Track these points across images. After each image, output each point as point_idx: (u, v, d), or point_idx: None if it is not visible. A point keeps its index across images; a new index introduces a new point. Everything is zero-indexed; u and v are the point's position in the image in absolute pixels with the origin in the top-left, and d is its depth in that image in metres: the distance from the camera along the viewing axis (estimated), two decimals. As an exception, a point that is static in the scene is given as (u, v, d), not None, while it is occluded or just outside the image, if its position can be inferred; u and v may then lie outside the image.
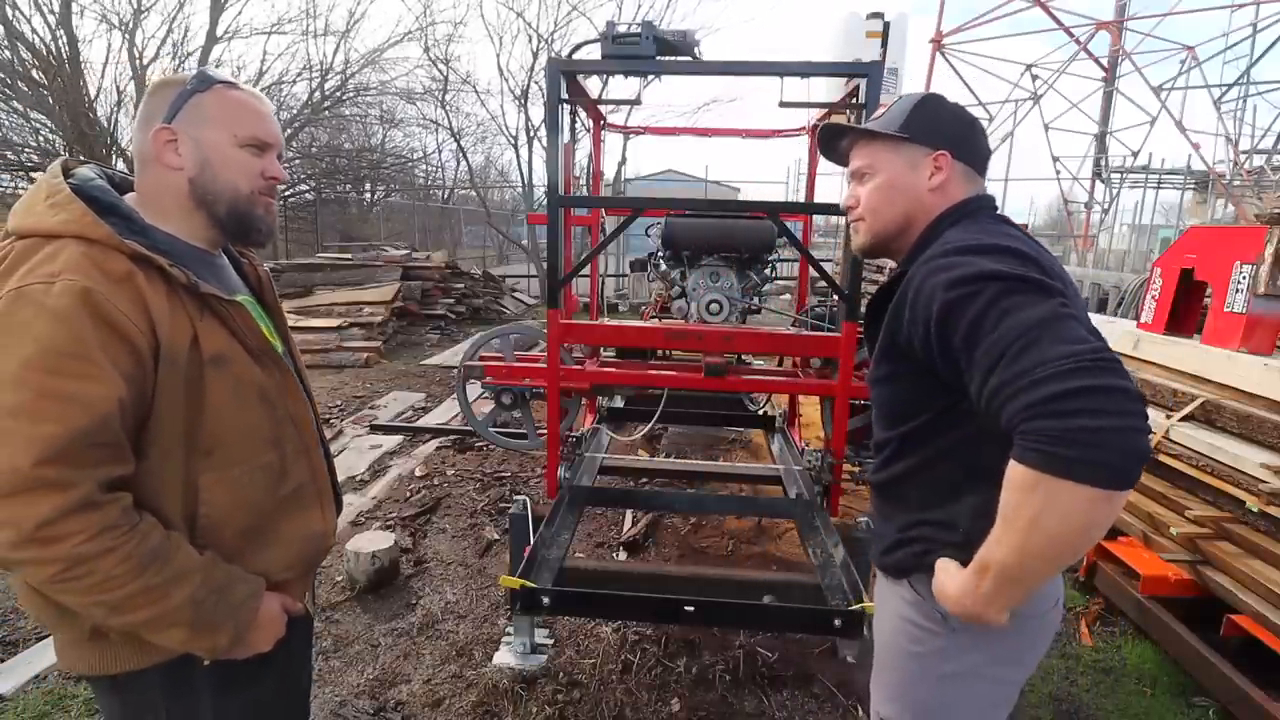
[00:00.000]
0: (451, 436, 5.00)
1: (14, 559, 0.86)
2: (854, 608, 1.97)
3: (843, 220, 3.05)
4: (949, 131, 1.12)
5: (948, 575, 1.00)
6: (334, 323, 7.85)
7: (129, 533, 0.90)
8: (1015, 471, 0.82)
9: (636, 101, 4.32)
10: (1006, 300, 0.87)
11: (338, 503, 1.35)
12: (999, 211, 1.15)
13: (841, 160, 1.26)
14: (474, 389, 3.34)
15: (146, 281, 0.94)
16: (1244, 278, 2.98)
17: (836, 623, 1.99)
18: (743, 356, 3.59)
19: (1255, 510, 2.50)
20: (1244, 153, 14.69)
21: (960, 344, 0.91)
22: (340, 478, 4.15)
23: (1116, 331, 3.75)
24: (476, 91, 16.24)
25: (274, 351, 1.12)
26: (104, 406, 0.88)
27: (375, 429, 5.20)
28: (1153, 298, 3.58)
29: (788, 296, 10.96)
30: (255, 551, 1.08)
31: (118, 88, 10.52)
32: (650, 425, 3.31)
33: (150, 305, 0.93)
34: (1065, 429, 0.76)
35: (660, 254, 3.45)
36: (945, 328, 0.93)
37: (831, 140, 1.26)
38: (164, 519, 0.97)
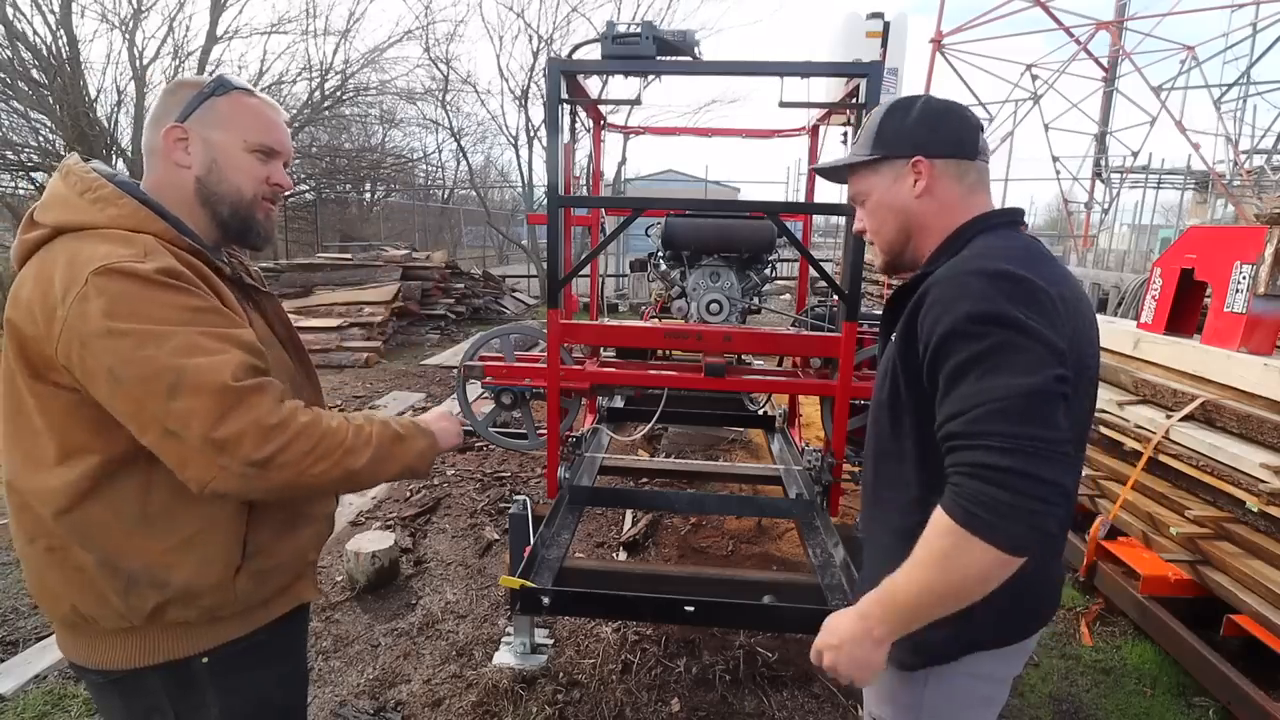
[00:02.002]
0: (451, 436, 4.99)
1: (265, 455, 0.91)
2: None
3: (842, 220, 3.06)
4: (917, 135, 1.11)
5: (834, 618, 1.04)
6: (334, 323, 7.85)
7: (301, 407, 1.00)
8: (939, 515, 0.91)
9: (636, 101, 4.31)
10: (1003, 356, 0.90)
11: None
12: (1023, 220, 1.14)
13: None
14: (474, 389, 3.34)
15: (209, 272, 1.02)
16: (1244, 278, 2.98)
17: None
18: (742, 356, 3.60)
19: (1255, 510, 2.50)
20: (1244, 153, 14.68)
21: (945, 375, 0.95)
22: (340, 478, 4.20)
23: (1117, 331, 3.75)
24: (476, 91, 16.31)
25: (298, 342, 1.22)
26: (249, 335, 0.98)
27: (375, 429, 5.20)
28: (1153, 298, 3.58)
29: (788, 296, 10.96)
30: (296, 530, 1.13)
31: (118, 88, 10.54)
32: (650, 425, 3.31)
33: (218, 290, 1.02)
34: (991, 497, 0.86)
35: (660, 254, 3.45)
36: (940, 352, 0.97)
37: (830, 175, 1.30)
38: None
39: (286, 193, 1.17)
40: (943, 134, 1.11)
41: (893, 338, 1.13)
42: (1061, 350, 0.92)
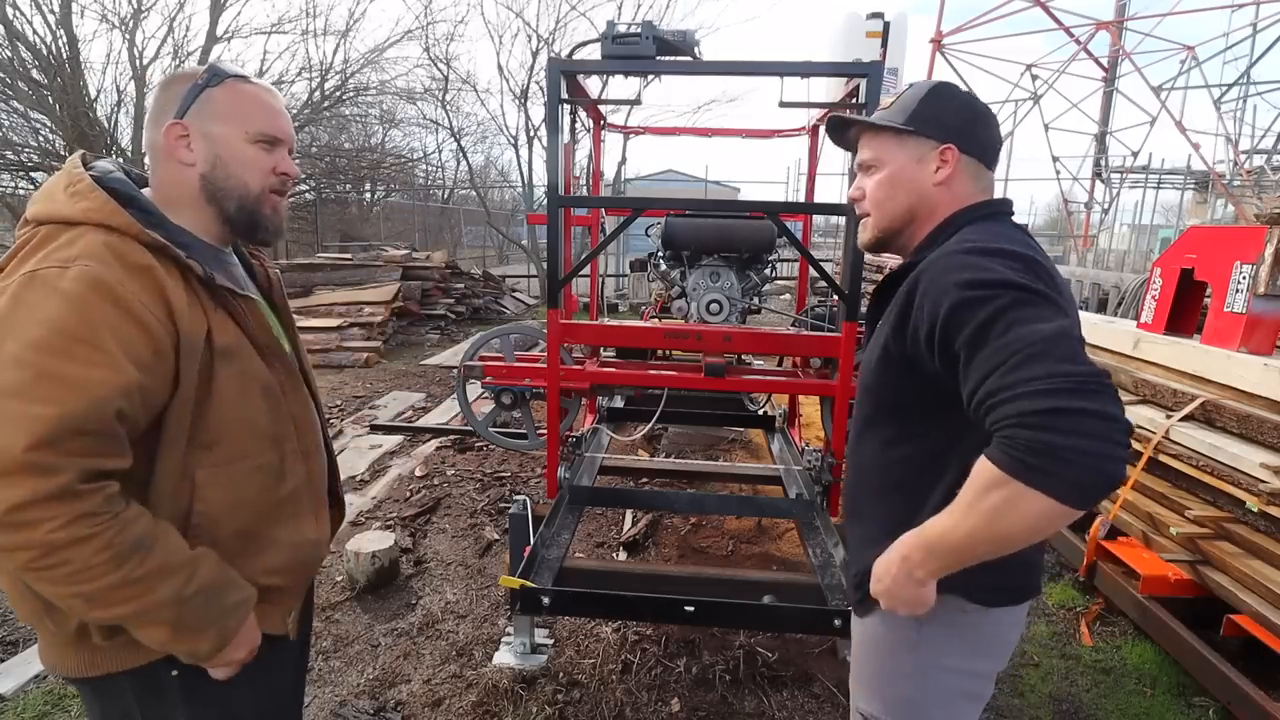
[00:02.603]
0: (451, 436, 5.00)
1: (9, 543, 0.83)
2: (854, 608, 1.97)
3: (843, 220, 3.06)
4: (956, 123, 1.10)
5: (880, 562, 1.05)
6: (334, 323, 7.85)
7: (110, 520, 0.87)
8: (985, 468, 0.86)
9: (636, 101, 4.32)
10: (1018, 310, 0.88)
11: (340, 509, 1.32)
12: (1014, 217, 1.14)
13: (850, 146, 1.24)
14: (474, 389, 3.34)
15: (166, 273, 0.94)
16: (1244, 278, 2.98)
17: (836, 623, 2.00)
18: (742, 356, 3.60)
19: (1255, 510, 2.50)
20: (1244, 153, 14.68)
21: (963, 344, 0.91)
22: (340, 478, 4.20)
23: (1117, 331, 3.75)
24: (476, 91, 16.29)
25: (281, 350, 1.12)
26: (103, 393, 0.85)
27: (375, 429, 5.20)
28: (1153, 298, 3.58)
29: (788, 296, 10.96)
30: (247, 555, 1.04)
31: (118, 88, 10.53)
32: (650, 425, 3.31)
33: (170, 296, 0.93)
34: (1047, 443, 0.79)
35: (660, 254, 3.45)
36: (950, 326, 0.93)
37: (840, 129, 1.24)
38: (157, 514, 0.95)
39: (295, 182, 1.13)
40: (978, 133, 1.11)
41: (880, 325, 1.12)
42: (1065, 304, 0.91)
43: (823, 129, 3.47)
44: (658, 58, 2.41)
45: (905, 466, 1.10)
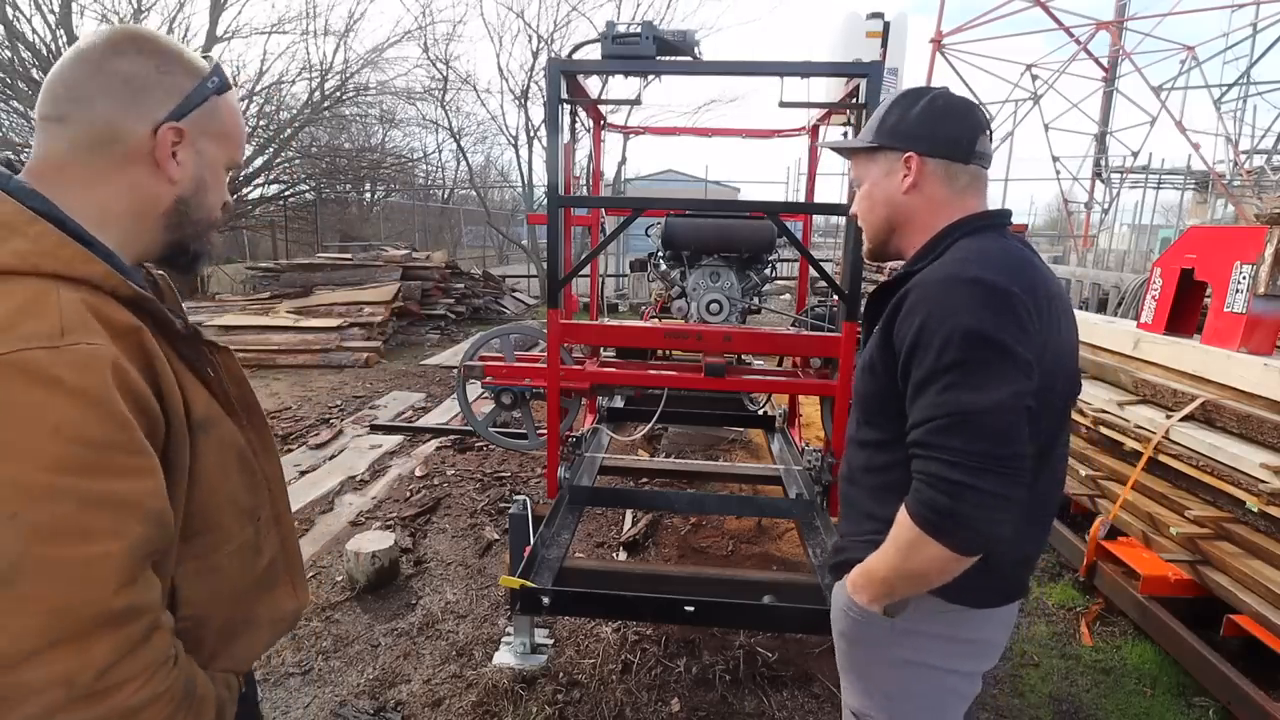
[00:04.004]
0: (451, 436, 5.00)
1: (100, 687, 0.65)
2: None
3: (843, 220, 3.06)
4: (915, 130, 1.12)
5: (839, 586, 1.21)
6: (334, 323, 7.85)
7: (174, 666, 0.73)
8: (903, 513, 1.01)
9: (636, 101, 4.32)
10: (968, 372, 0.95)
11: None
12: (1010, 224, 1.15)
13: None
14: (474, 389, 3.34)
15: (148, 336, 0.74)
16: (1244, 278, 2.98)
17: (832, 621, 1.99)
18: (742, 356, 3.60)
19: (1255, 510, 2.50)
20: (1244, 153, 14.68)
21: (914, 384, 1.01)
22: (340, 478, 4.21)
23: (1117, 331, 3.75)
24: (476, 91, 16.31)
25: (253, 401, 0.94)
26: (159, 503, 0.70)
27: (375, 429, 5.20)
28: (1153, 298, 3.58)
29: (788, 296, 10.96)
30: (229, 647, 0.88)
31: (118, 88, 10.51)
32: (650, 425, 3.31)
33: (156, 367, 0.74)
34: (943, 505, 0.95)
35: (660, 254, 3.45)
36: (911, 360, 1.01)
37: (841, 153, 1.35)
38: None
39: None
40: (940, 133, 1.11)
41: (873, 332, 1.16)
42: (1028, 362, 0.96)
43: (823, 130, 3.48)
44: (658, 58, 2.41)
45: (890, 472, 1.14)
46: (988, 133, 1.13)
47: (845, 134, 3.23)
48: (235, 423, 0.88)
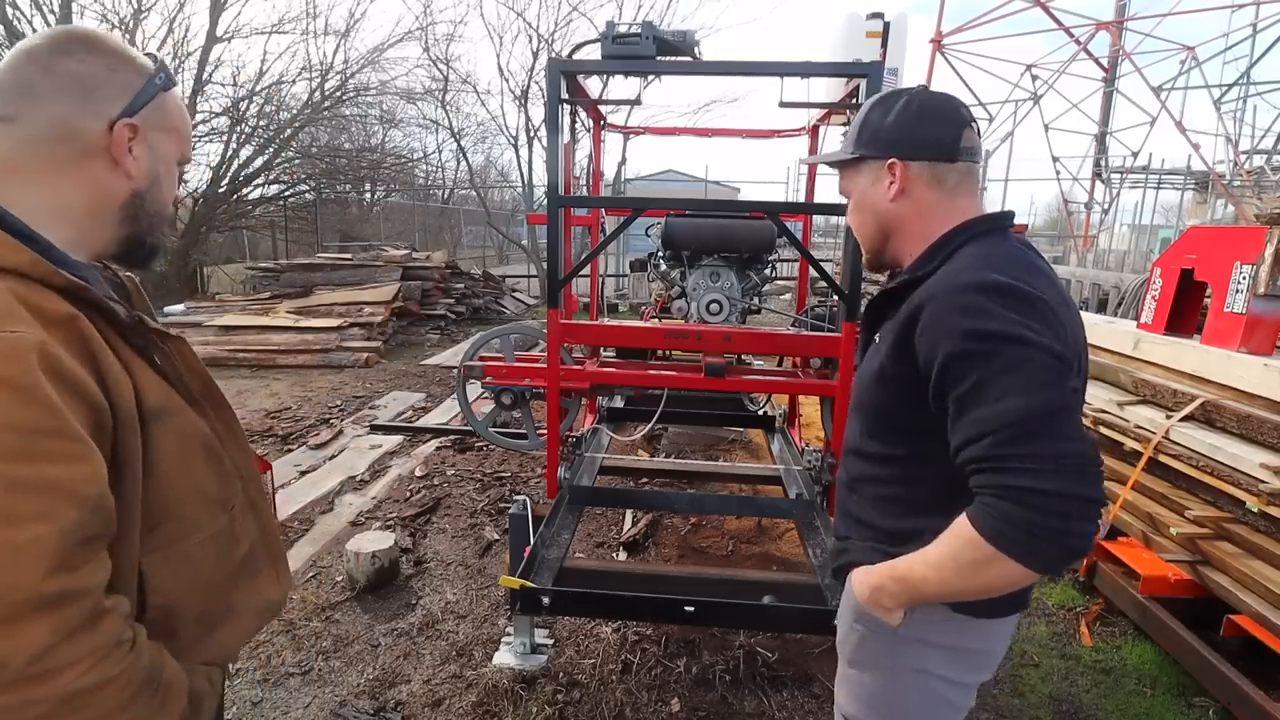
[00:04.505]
0: (451, 436, 5.00)
1: (43, 669, 0.66)
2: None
3: (843, 220, 3.06)
4: (894, 135, 1.09)
5: (858, 575, 1.13)
6: (334, 323, 7.85)
7: (130, 651, 0.72)
8: (966, 528, 0.91)
9: (636, 101, 4.32)
10: (1013, 375, 0.89)
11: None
12: (1011, 225, 1.13)
13: None
14: (474, 389, 3.34)
15: (87, 324, 0.74)
16: (1244, 278, 2.98)
17: (836, 623, 1.99)
18: (742, 356, 3.60)
19: (1255, 510, 2.50)
20: (1244, 153, 14.68)
21: (956, 399, 0.94)
22: (340, 478, 4.21)
23: (1117, 331, 3.75)
24: (476, 91, 16.36)
25: (215, 392, 0.94)
26: (94, 489, 0.69)
27: (375, 429, 5.20)
28: (1153, 298, 3.58)
29: (788, 296, 10.96)
30: (208, 637, 0.89)
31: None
32: (650, 425, 3.31)
33: (96, 354, 0.74)
34: (1023, 519, 0.86)
35: (660, 254, 3.45)
36: (946, 377, 0.95)
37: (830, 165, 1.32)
38: None
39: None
40: (920, 135, 1.08)
41: (877, 338, 1.14)
42: (1067, 357, 0.92)
43: (823, 130, 3.48)
44: (658, 58, 2.41)
45: (891, 485, 1.13)
46: (973, 125, 1.09)
47: (844, 134, 3.23)
48: (198, 412, 0.89)
